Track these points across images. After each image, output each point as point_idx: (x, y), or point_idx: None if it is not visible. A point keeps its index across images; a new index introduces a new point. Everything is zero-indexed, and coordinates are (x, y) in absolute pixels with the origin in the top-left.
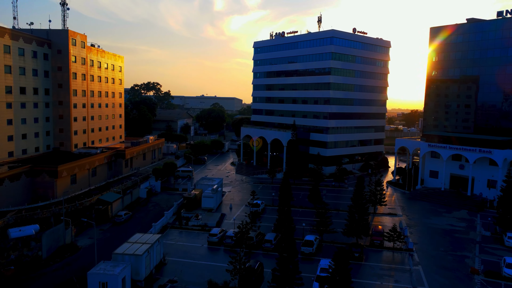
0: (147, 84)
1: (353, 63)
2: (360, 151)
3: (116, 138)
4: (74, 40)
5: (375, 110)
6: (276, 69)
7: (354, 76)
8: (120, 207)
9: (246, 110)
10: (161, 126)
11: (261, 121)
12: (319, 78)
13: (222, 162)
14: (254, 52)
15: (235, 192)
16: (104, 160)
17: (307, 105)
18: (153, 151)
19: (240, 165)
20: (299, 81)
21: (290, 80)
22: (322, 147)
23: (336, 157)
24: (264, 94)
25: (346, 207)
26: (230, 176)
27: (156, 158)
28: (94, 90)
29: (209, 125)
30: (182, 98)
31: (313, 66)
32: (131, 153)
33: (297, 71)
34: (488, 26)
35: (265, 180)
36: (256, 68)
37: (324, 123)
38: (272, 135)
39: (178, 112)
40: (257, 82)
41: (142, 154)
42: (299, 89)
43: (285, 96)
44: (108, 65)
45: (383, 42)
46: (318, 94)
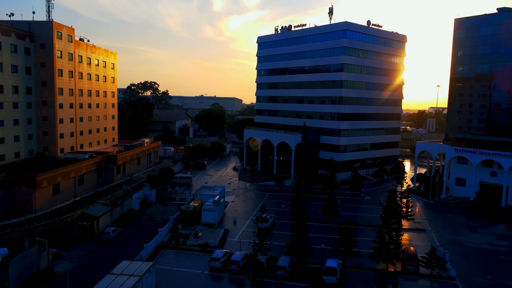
0: (144, 84)
1: (367, 59)
2: (374, 155)
3: (108, 141)
4: (59, 33)
5: (390, 110)
6: (282, 66)
7: (368, 73)
8: (109, 222)
9: (247, 110)
10: (158, 127)
11: (265, 122)
12: (331, 75)
13: (224, 167)
14: (258, 48)
15: (239, 202)
16: (93, 166)
17: (317, 105)
18: (148, 155)
19: (243, 171)
20: (308, 79)
21: (297, 78)
22: (333, 151)
23: (349, 162)
24: (268, 93)
25: (366, 221)
26: (233, 183)
27: (152, 163)
28: (83, 88)
29: (209, 126)
30: (181, 98)
31: (324, 62)
32: (124, 158)
33: (305, 68)
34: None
35: (272, 188)
36: (260, 65)
37: (336, 125)
38: (278, 138)
39: (177, 113)
40: (261, 80)
41: (136, 159)
42: (307, 88)
43: (292, 95)
44: (99, 62)
45: (398, 36)
46: (329, 92)
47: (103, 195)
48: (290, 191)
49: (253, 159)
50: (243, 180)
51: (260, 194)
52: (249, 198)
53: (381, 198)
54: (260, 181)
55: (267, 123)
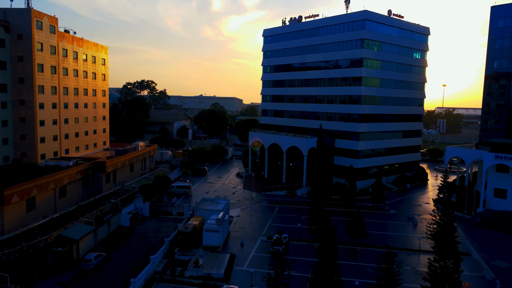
0: (140, 83)
1: (388, 53)
2: (394, 161)
3: (98, 145)
4: (39, 23)
5: (412, 111)
6: (291, 62)
7: (389, 69)
8: (92, 244)
9: (248, 110)
10: (155, 129)
11: (271, 124)
12: (348, 72)
13: (226, 173)
14: (264, 42)
15: (245, 217)
16: (77, 175)
17: (331, 105)
18: (143, 160)
19: (248, 178)
20: (321, 76)
21: (308, 75)
22: (351, 157)
23: (366, 169)
24: (275, 91)
25: (398, 242)
26: (237, 193)
27: (147, 169)
28: (69, 86)
29: (209, 128)
30: (180, 98)
31: (340, 56)
32: (114, 165)
33: (318, 64)
34: None
35: (282, 198)
36: (266, 60)
37: (354, 127)
38: (288, 142)
39: (175, 113)
40: (267, 78)
41: (129, 165)
42: (320, 85)
43: (302, 94)
44: (87, 57)
45: (421, 28)
46: (346, 91)
47: (88, 210)
48: (303, 202)
49: (259, 164)
50: (249, 189)
51: (268, 206)
52: (257, 212)
53: (409, 211)
54: (268, 190)
55: (273, 125)
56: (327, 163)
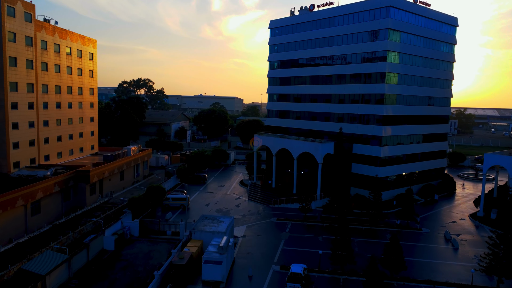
0: (137, 81)
1: (414, 46)
2: (419, 168)
3: (85, 149)
4: (11, 9)
5: (438, 111)
6: (301, 56)
7: (415, 65)
8: (65, 277)
9: (250, 110)
10: (151, 130)
11: (279, 126)
12: (369, 67)
13: (228, 181)
14: (271, 35)
15: (252, 237)
16: (55, 187)
17: (349, 104)
18: (135, 167)
19: (253, 187)
20: (337, 72)
21: (322, 71)
22: (372, 164)
23: (390, 178)
24: (283, 90)
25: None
26: (241, 205)
27: (140, 176)
28: (49, 83)
29: (209, 129)
30: (179, 97)
31: (359, 49)
32: (100, 174)
33: (333, 58)
34: None
35: (293, 213)
36: (272, 55)
37: (376, 131)
38: (300, 147)
39: (172, 114)
40: (274, 75)
41: (118, 173)
42: (336, 83)
43: (314, 92)
44: (72, 50)
45: (449, 18)
46: (367, 89)
47: (66, 229)
48: (318, 218)
49: (265, 172)
50: (254, 200)
51: (278, 223)
52: (265, 230)
53: (445, 231)
54: (276, 203)
55: (280, 127)
56: (345, 172)
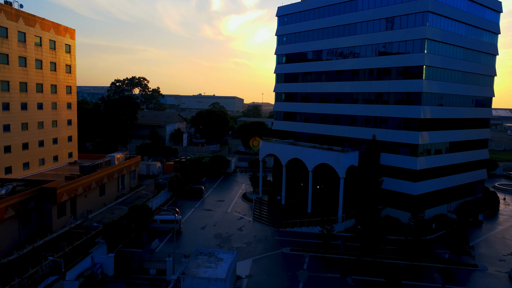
0: (131, 80)
1: (455, 35)
2: (458, 182)
3: (61, 158)
4: None
5: (480, 114)
6: (315, 48)
7: (456, 57)
8: None
9: (251, 111)
10: (144, 133)
11: (288, 130)
12: (403, 59)
13: (229, 194)
14: (279, 24)
15: (261, 278)
16: (7, 212)
17: (375, 105)
18: (120, 178)
19: (259, 204)
20: (360, 65)
21: (341, 65)
22: (405, 179)
23: (427, 196)
24: (293, 88)
25: None
26: (245, 228)
27: (126, 188)
28: (11, 80)
29: (208, 131)
30: (178, 97)
31: (389, 38)
32: (72, 190)
33: (355, 50)
34: None
35: (310, 240)
36: (281, 48)
37: (410, 137)
38: (316, 157)
39: (168, 115)
40: (283, 70)
41: (97, 187)
42: (359, 79)
43: (331, 90)
44: (42, 41)
45: (493, 2)
46: (400, 86)
47: (15, 270)
48: (342, 248)
49: (272, 184)
50: (260, 221)
51: (293, 256)
52: (277, 266)
53: (509, 268)
54: (288, 226)
55: (290, 132)
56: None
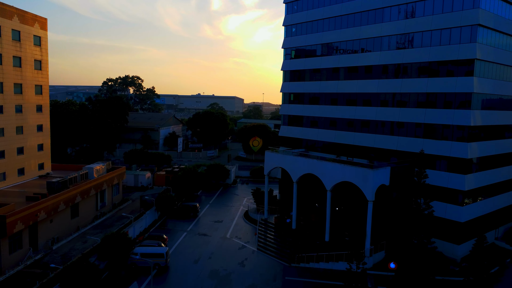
0: (124, 79)
1: (509, 22)
2: (509, 201)
3: (28, 171)
4: None
5: None
6: (332, 39)
7: (510, 50)
8: None
9: (252, 112)
10: (136, 136)
11: (297, 137)
12: (447, 51)
13: (228, 212)
14: (287, 12)
15: None
16: None
17: (411, 109)
18: (99, 195)
19: (264, 228)
20: (390, 60)
21: (364, 59)
22: (448, 201)
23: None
24: (304, 87)
25: None
26: (248, 263)
27: (107, 206)
28: None
29: (206, 134)
30: (176, 97)
31: (427, 25)
32: (30, 217)
33: (384, 41)
34: None
35: (331, 281)
36: (289, 40)
37: (456, 150)
38: (337, 173)
39: (162, 117)
40: (292, 66)
41: (68, 208)
42: (388, 77)
43: (352, 90)
44: (1, 30)
45: None
46: (443, 85)
47: None
48: None
49: (280, 202)
50: (266, 251)
51: None
52: None
53: None
54: (302, 260)
55: (300, 140)
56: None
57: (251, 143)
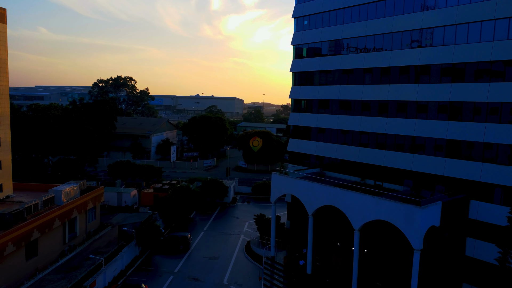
0: (116, 80)
1: None
2: None
3: None
4: None
5: None
6: (355, 33)
7: None
8: None
9: (252, 114)
10: (125, 144)
11: (310, 153)
12: None
13: (225, 244)
14: (298, 1)
15: None
16: None
17: (464, 123)
18: (68, 224)
19: (270, 271)
20: (435, 59)
21: (399, 58)
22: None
23: None
24: (319, 93)
25: None
26: None
27: (79, 236)
28: None
29: (203, 141)
30: (174, 98)
31: (486, 13)
32: None
33: (428, 33)
34: None
35: None
36: (300, 35)
37: None
38: (369, 209)
39: (154, 122)
40: (303, 67)
41: (22, 247)
42: (432, 81)
43: (383, 98)
44: None
45: None
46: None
47: None
48: None
49: (289, 233)
50: None
51: None
52: None
53: None
54: None
55: (312, 157)
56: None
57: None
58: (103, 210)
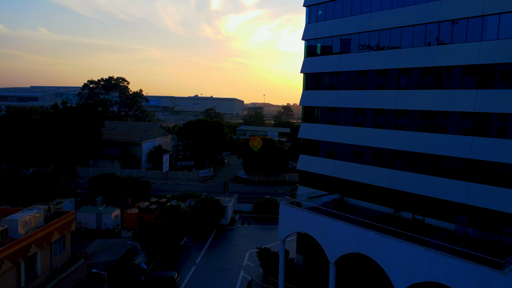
0: (107, 81)
1: None
2: None
3: None
4: None
5: None
6: (384, 24)
7: None
8: None
9: (253, 117)
10: (113, 151)
11: (327, 175)
12: None
13: (221, 283)
14: None
15: None
16: None
17: None
18: (25, 263)
19: None
20: (493, 58)
21: (446, 56)
22: None
23: None
24: (339, 99)
25: None
26: None
27: (40, 276)
28: None
29: (199, 148)
30: (172, 98)
31: None
32: None
33: (475, 26)
34: None
35: None
36: (314, 27)
37: None
38: (419, 264)
39: (146, 127)
40: (318, 67)
41: None
42: (496, 86)
43: (425, 108)
44: None
45: None
46: None
47: None
48: None
49: (301, 274)
50: None
51: None
52: None
53: None
54: None
55: (329, 178)
56: None
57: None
58: (79, 234)
